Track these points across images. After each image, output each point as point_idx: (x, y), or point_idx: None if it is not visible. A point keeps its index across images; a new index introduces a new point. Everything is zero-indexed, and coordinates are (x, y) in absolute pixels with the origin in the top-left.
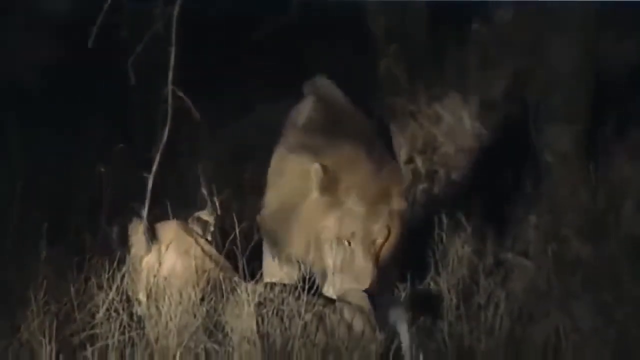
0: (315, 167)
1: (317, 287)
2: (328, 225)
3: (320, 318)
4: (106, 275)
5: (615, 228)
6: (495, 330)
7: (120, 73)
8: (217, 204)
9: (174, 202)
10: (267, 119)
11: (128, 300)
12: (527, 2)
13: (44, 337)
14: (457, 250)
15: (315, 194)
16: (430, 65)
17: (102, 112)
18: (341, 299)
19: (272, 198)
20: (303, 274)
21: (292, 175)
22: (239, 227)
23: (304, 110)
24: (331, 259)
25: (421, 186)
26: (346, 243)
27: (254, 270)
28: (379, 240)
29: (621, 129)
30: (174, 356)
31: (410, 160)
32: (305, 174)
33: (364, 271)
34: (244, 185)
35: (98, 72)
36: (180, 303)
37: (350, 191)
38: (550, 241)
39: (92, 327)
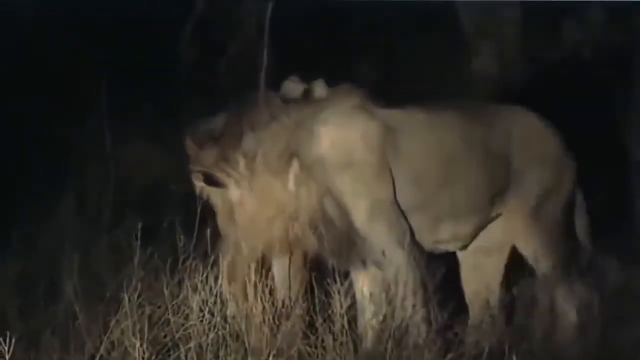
0: None
1: None
2: None
3: None
4: (200, 277)
5: None
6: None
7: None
8: None
9: None
10: None
11: (222, 302)
12: None
13: (136, 338)
14: None
15: None
16: None
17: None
18: None
19: None
20: None
21: None
22: None
23: None
24: None
25: None
26: None
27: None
28: None
29: None
30: (267, 358)
31: None
32: None
33: None
34: None
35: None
36: (273, 304)
37: None
38: None
39: (186, 329)
